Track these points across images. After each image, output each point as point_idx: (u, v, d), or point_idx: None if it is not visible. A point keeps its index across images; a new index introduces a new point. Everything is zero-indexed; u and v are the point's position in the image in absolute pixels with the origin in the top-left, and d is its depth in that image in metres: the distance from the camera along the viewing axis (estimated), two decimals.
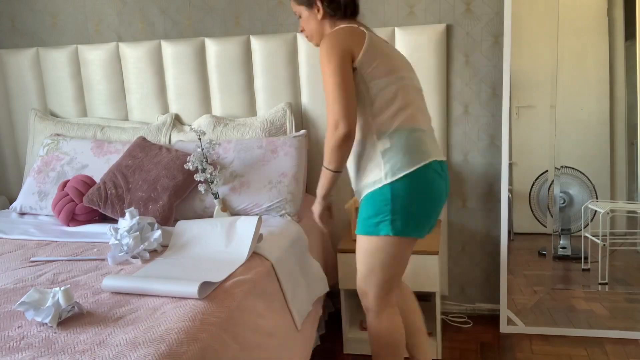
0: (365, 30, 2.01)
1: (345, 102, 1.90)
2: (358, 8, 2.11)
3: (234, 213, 2.68)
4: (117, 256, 2.22)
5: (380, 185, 1.96)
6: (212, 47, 3.01)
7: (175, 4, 3.08)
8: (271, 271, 2.22)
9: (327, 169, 2.00)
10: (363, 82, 1.96)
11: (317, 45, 2.13)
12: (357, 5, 2.11)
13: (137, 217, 2.32)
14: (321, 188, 2.07)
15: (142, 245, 2.25)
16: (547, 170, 2.92)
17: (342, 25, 2.03)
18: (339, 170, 1.99)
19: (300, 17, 2.14)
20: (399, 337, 2.17)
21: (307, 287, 2.45)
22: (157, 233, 2.30)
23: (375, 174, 1.97)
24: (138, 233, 2.27)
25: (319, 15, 2.07)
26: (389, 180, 1.94)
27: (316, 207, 2.13)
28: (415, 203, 1.96)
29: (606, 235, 2.86)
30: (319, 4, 2.06)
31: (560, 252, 2.98)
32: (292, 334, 2.22)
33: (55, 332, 1.65)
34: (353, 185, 2.12)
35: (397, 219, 1.95)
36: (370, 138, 1.98)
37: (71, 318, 1.72)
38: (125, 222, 2.32)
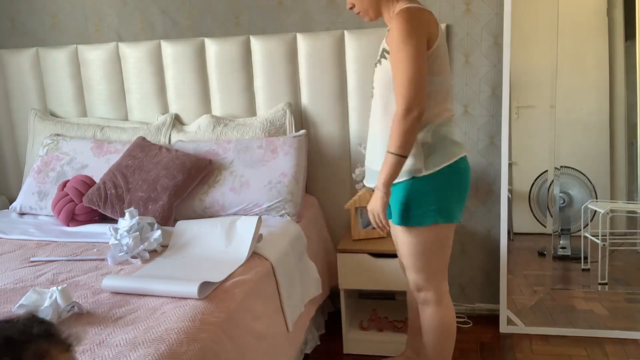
0: (437, 22, 2.00)
1: (420, 85, 1.89)
2: None
3: (234, 213, 2.68)
4: (117, 256, 2.22)
5: (420, 175, 2.00)
6: (212, 47, 3.01)
7: (175, 4, 3.08)
8: (270, 271, 2.22)
9: (396, 154, 1.93)
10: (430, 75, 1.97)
11: (372, 19, 2.08)
12: None
13: (137, 217, 2.32)
14: (387, 176, 1.96)
15: (141, 245, 2.25)
16: (546, 170, 2.92)
17: (410, 5, 1.96)
18: (407, 154, 1.95)
19: None
20: (455, 327, 2.23)
21: (302, 288, 2.46)
22: (157, 233, 2.30)
23: (415, 163, 2.00)
24: (138, 233, 2.27)
25: None
26: (430, 171, 1.99)
27: (379, 201, 1.99)
28: (454, 191, 2.06)
29: (606, 235, 2.86)
30: None
31: (560, 252, 2.98)
32: (284, 335, 2.22)
33: None
34: (374, 165, 2.08)
35: (443, 207, 2.02)
36: None
37: (71, 318, 1.73)
38: (125, 222, 2.32)
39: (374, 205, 2.00)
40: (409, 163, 1.99)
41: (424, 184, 2.00)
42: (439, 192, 2.02)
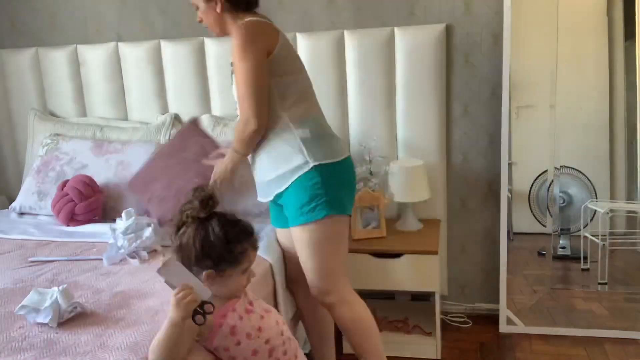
0: (277, 28, 2.08)
1: (257, 99, 1.99)
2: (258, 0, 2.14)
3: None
4: (113, 256, 2.21)
5: (307, 169, 2.02)
6: (212, 47, 3.00)
7: (175, 4, 3.07)
8: (269, 272, 2.23)
9: (236, 152, 2.11)
10: (275, 76, 2.03)
11: (219, 35, 2.18)
12: None
13: (134, 218, 2.31)
14: (231, 164, 2.15)
15: (134, 244, 2.24)
16: (546, 170, 2.92)
17: (250, 18, 2.04)
18: (247, 155, 2.13)
19: (197, 8, 2.14)
20: (369, 318, 2.21)
21: None
22: (148, 231, 2.28)
23: (299, 159, 2.03)
24: (133, 234, 2.25)
25: (218, 9, 2.07)
26: (315, 163, 2.02)
27: (222, 173, 2.16)
28: (343, 183, 2.11)
29: (606, 235, 2.86)
30: None
31: (560, 252, 2.98)
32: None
33: (57, 333, 1.65)
34: (265, 177, 2.13)
35: (332, 198, 2.04)
36: (286, 127, 2.06)
37: (72, 318, 1.73)
38: (122, 223, 2.31)
39: (219, 168, 2.17)
40: (293, 163, 2.04)
41: (310, 178, 2.03)
42: (327, 184, 2.04)
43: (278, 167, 2.07)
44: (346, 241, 2.18)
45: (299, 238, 2.11)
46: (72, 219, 2.70)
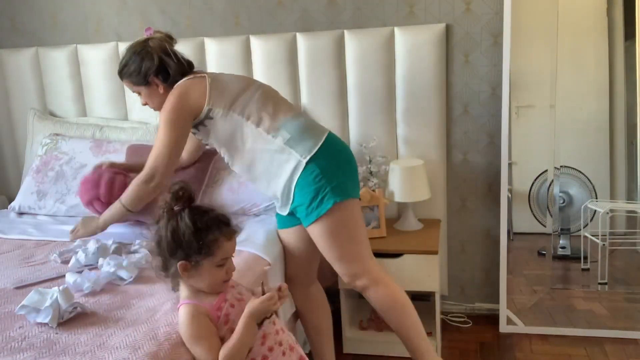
0: (203, 73, 2.20)
1: (168, 161, 2.14)
2: (191, 64, 2.26)
3: (233, 213, 2.67)
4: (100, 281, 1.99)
5: (303, 166, 2.07)
6: (212, 47, 3.00)
7: (175, 4, 3.07)
8: (268, 272, 2.23)
9: (124, 206, 2.21)
10: (231, 107, 2.11)
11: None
12: (188, 63, 2.25)
13: (97, 246, 2.15)
14: (109, 219, 2.27)
15: (114, 268, 2.04)
16: (546, 170, 2.92)
17: (182, 80, 2.18)
18: (135, 211, 2.23)
19: (140, 94, 2.26)
20: (405, 297, 2.21)
21: None
22: (125, 261, 2.08)
23: (292, 161, 2.08)
24: (113, 262, 2.06)
25: (160, 90, 2.21)
26: (308, 157, 2.06)
27: (89, 230, 2.32)
28: (340, 168, 2.12)
29: (606, 235, 2.86)
30: (156, 80, 2.20)
31: (560, 251, 2.98)
32: None
33: (57, 333, 1.65)
34: (266, 191, 2.22)
35: (335, 185, 2.07)
36: (264, 140, 2.12)
37: (72, 318, 1.73)
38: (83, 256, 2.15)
39: (83, 231, 2.34)
40: (290, 166, 2.08)
41: (310, 172, 2.06)
42: (326, 172, 2.07)
43: (274, 178, 2.13)
44: (362, 223, 2.19)
45: (316, 234, 2.13)
46: (91, 205, 2.44)
